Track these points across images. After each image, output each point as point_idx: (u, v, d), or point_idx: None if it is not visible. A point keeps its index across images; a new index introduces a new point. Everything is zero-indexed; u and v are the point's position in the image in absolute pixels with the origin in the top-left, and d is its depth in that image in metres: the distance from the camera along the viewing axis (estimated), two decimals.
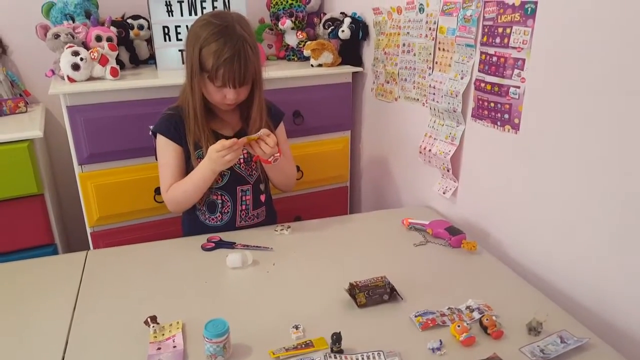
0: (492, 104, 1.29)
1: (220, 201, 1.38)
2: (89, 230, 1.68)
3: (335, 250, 1.29)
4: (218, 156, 1.20)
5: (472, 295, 1.08)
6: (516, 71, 1.20)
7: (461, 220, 1.45)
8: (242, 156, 1.34)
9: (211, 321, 0.90)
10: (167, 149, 1.32)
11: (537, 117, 1.17)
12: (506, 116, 1.26)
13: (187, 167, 1.34)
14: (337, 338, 0.90)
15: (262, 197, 1.43)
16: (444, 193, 1.51)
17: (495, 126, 1.30)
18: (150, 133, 1.37)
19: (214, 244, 1.28)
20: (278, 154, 1.27)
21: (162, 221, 1.75)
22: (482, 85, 1.31)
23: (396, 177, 1.82)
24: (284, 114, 1.46)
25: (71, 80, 1.54)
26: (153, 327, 0.96)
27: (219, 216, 1.39)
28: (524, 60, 1.18)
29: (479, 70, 1.31)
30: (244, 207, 1.40)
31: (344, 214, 2.07)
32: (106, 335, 0.96)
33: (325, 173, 1.98)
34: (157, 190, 1.70)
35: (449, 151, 1.44)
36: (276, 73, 1.73)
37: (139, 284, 1.14)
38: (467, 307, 1.05)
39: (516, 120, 1.23)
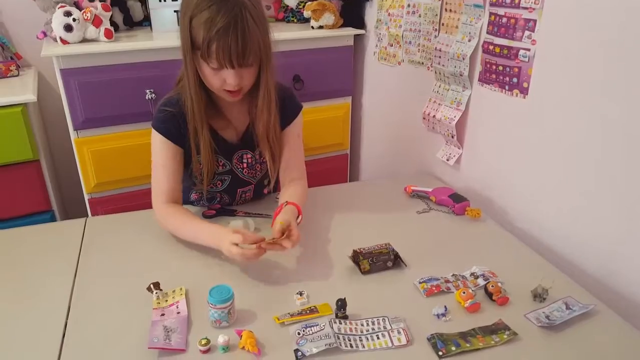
0: (501, 68, 1.25)
1: (218, 198, 1.28)
2: (86, 197, 1.66)
3: (338, 218, 1.27)
4: (228, 250, 0.97)
5: (476, 262, 1.08)
6: (527, 33, 1.16)
7: (465, 188, 1.43)
8: (245, 161, 1.21)
9: (215, 287, 0.89)
10: (164, 149, 1.11)
11: (547, 82, 1.14)
12: (515, 80, 1.22)
13: (186, 169, 1.17)
14: (341, 304, 0.90)
15: (265, 191, 1.34)
16: (447, 160, 1.49)
17: (503, 90, 1.26)
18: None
19: (215, 212, 1.26)
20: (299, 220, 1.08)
21: None
22: (491, 47, 1.27)
23: (398, 144, 1.80)
24: (301, 107, 1.22)
25: (64, 42, 1.49)
26: (156, 293, 0.95)
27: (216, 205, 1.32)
28: (535, 21, 1.13)
29: (488, 32, 1.27)
30: (242, 201, 1.31)
31: (344, 178, 2.06)
32: (108, 303, 0.95)
33: (325, 140, 1.95)
34: None
35: (454, 117, 1.41)
36: (274, 36, 1.67)
37: (141, 250, 1.13)
38: (472, 274, 1.04)
39: (525, 85, 1.20)
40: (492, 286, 0.97)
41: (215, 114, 1.14)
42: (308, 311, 0.92)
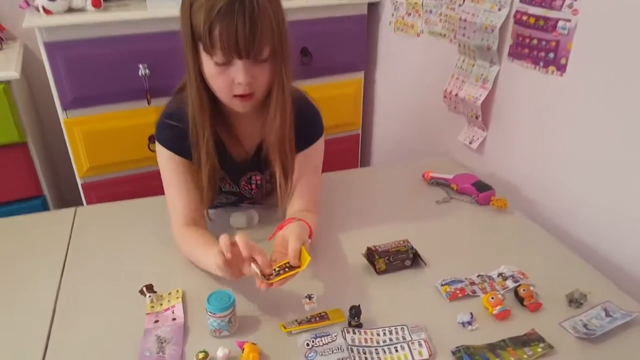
0: (535, 41, 1.14)
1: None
2: (79, 182, 1.60)
3: (349, 209, 1.19)
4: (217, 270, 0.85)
5: (503, 260, 1.00)
6: (567, 1, 1.05)
7: (489, 174, 1.34)
8: (254, 182, 1.10)
9: (214, 293, 0.82)
10: (173, 165, 0.98)
11: (589, 58, 1.03)
12: (551, 55, 1.11)
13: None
14: (355, 312, 0.83)
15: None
16: (470, 143, 1.40)
17: (537, 67, 1.16)
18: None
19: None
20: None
21: (157, 173, 1.64)
22: (524, 18, 1.15)
23: (415, 125, 1.70)
24: (322, 132, 1.05)
25: (47, 12, 1.39)
26: (149, 296, 0.88)
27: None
28: None
29: (521, 1, 1.16)
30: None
31: (354, 166, 1.97)
32: (97, 306, 0.89)
33: (334, 119, 1.85)
34: (152, 139, 1.59)
35: (480, 96, 1.31)
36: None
37: (134, 246, 1.06)
38: (500, 275, 0.96)
39: (563, 61, 1.09)
40: (524, 290, 0.90)
41: (224, 130, 1.00)
42: (318, 318, 0.85)
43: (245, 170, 1.08)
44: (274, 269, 0.82)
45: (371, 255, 0.97)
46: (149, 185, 1.50)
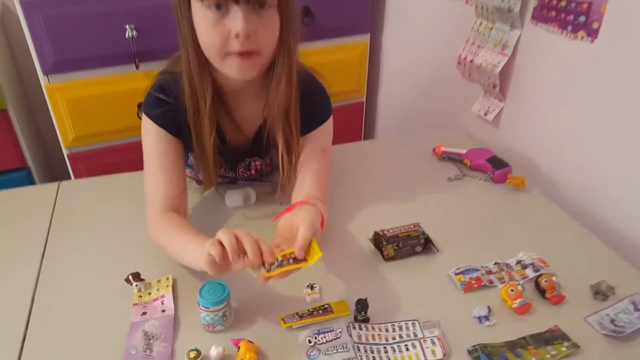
0: (563, 3, 1.03)
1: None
2: (65, 152, 1.51)
3: (352, 187, 1.11)
4: (205, 251, 0.72)
5: (522, 245, 0.93)
6: None
7: (505, 149, 1.25)
8: (253, 168, 1.02)
9: (207, 284, 0.75)
10: (161, 143, 0.88)
11: (626, 23, 0.93)
12: (582, 19, 1.01)
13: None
14: (362, 306, 0.76)
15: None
16: (485, 115, 1.30)
17: (564, 32, 1.05)
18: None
19: None
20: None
21: None
22: None
23: (425, 94, 1.60)
24: (330, 113, 0.95)
25: None
26: (137, 285, 0.81)
27: None
28: None
29: None
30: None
31: (357, 137, 1.88)
32: (80, 297, 0.82)
33: (337, 86, 1.72)
34: (140, 106, 1.49)
35: (498, 63, 1.21)
36: None
37: (121, 226, 0.99)
38: (518, 262, 0.89)
39: (595, 25, 0.98)
40: (546, 281, 0.83)
41: (221, 112, 0.89)
42: (321, 311, 0.78)
43: (244, 156, 1.00)
44: (277, 258, 0.72)
45: (378, 240, 0.90)
46: (138, 155, 1.41)
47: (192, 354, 0.69)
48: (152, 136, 0.89)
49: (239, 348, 0.70)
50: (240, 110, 0.92)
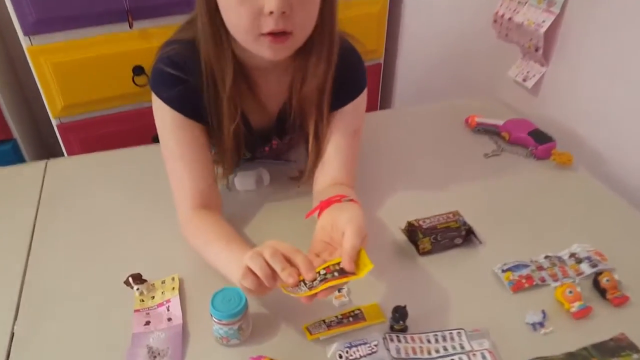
0: None
1: None
2: (54, 122, 1.39)
3: (374, 166, 1.00)
4: (235, 276, 0.63)
5: (574, 234, 0.83)
6: None
7: (547, 121, 1.12)
8: (269, 146, 0.90)
9: (220, 292, 0.65)
10: (181, 131, 0.76)
11: None
12: None
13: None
14: (400, 315, 0.66)
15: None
16: (524, 81, 1.17)
17: None
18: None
19: None
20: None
21: (146, 110, 1.43)
22: None
23: (452, 55, 1.46)
24: (365, 84, 0.83)
25: None
26: (138, 289, 0.71)
27: None
28: None
29: None
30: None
31: (373, 104, 1.74)
32: (70, 301, 0.72)
33: None
34: (136, 70, 1.36)
35: (543, 22, 1.06)
36: None
37: (117, 214, 0.88)
38: (572, 256, 0.79)
39: None
40: (607, 280, 0.73)
41: (243, 90, 0.77)
42: (351, 318, 0.69)
43: (266, 139, 0.88)
44: (318, 272, 0.60)
45: (413, 232, 0.79)
46: (136, 124, 1.30)
47: None
48: (168, 123, 0.76)
49: None
50: (266, 87, 0.80)
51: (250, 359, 0.62)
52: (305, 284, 0.59)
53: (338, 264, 0.60)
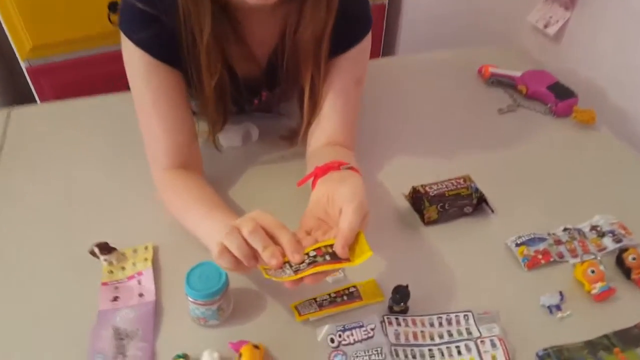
0: None
1: None
2: (23, 65, 1.27)
3: (375, 121, 0.91)
4: (214, 252, 0.53)
5: (596, 204, 0.76)
6: None
7: (569, 73, 1.02)
8: (259, 98, 0.80)
9: (196, 268, 0.57)
10: (155, 78, 0.66)
11: None
12: None
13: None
14: (401, 296, 0.59)
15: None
16: (545, 27, 1.06)
17: None
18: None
19: None
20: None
21: None
22: None
23: None
24: (370, 25, 0.71)
25: None
26: (105, 259, 0.64)
27: None
28: None
29: None
30: None
31: (375, 50, 1.60)
32: (27, 272, 0.65)
33: None
34: (112, 7, 1.23)
35: None
36: None
37: (85, 170, 0.80)
38: (593, 228, 0.72)
39: None
40: (633, 258, 0.66)
41: (228, 34, 0.66)
42: (345, 297, 0.62)
43: (256, 90, 0.77)
44: (307, 253, 0.52)
45: (418, 199, 0.71)
46: (113, 67, 1.17)
47: None
48: (139, 68, 0.65)
49: (240, 354, 0.54)
50: (253, 31, 0.69)
51: (229, 344, 0.55)
52: (290, 266, 0.51)
53: (331, 246, 0.52)
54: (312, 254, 0.52)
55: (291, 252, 0.51)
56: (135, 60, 0.65)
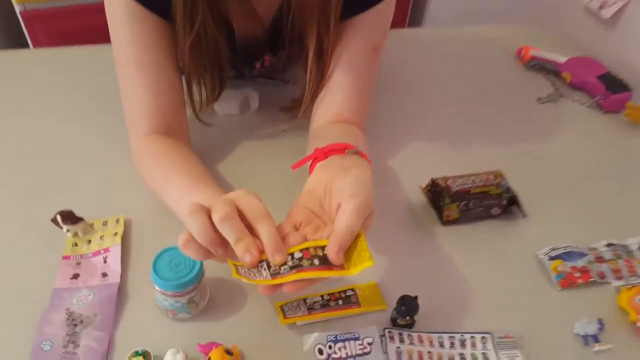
0: None
1: None
2: (17, 9, 1.19)
3: (395, 100, 0.81)
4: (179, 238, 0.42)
5: None
6: None
7: (623, 65, 0.91)
8: (261, 62, 0.71)
9: (166, 252, 0.49)
10: (140, 29, 0.57)
11: None
12: None
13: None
14: (408, 308, 0.50)
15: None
16: (600, 9, 0.94)
17: None
18: None
19: None
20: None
21: None
22: None
23: None
24: None
25: None
26: (68, 229, 0.55)
27: None
28: None
29: None
30: None
31: (401, 21, 1.49)
32: None
33: None
34: None
35: None
36: None
37: (57, 131, 0.71)
38: None
39: None
40: None
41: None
42: (341, 301, 0.53)
43: (257, 53, 0.68)
44: (292, 254, 0.42)
45: (438, 194, 0.61)
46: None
47: None
48: (121, 15, 0.56)
49: (208, 359, 0.45)
50: None
51: (198, 346, 0.46)
52: (268, 267, 0.42)
53: (323, 247, 0.42)
54: (297, 255, 0.42)
55: (272, 250, 0.41)
56: (117, 6, 0.56)
